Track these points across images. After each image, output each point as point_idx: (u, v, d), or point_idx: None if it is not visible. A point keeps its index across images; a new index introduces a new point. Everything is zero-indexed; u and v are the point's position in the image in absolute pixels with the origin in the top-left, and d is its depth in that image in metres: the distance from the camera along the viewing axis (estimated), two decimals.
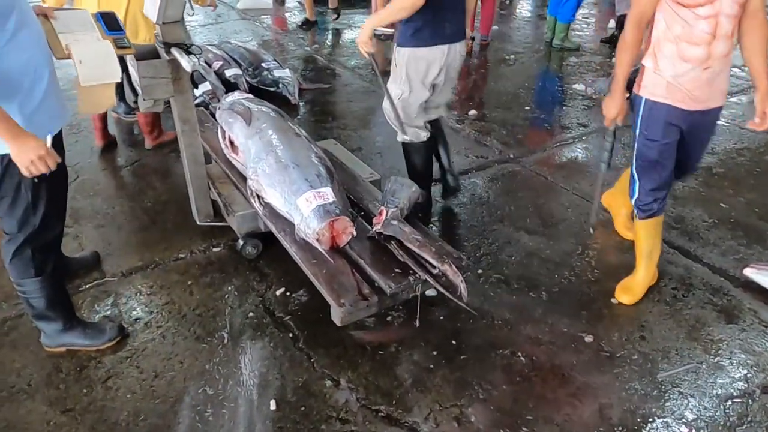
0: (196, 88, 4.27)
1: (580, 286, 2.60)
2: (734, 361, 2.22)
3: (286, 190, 2.39)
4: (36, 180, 1.77)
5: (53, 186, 1.94)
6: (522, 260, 2.76)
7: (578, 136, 4.10)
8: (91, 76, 1.97)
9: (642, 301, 2.49)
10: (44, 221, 1.94)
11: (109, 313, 2.39)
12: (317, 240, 2.24)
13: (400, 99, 2.71)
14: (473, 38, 6.14)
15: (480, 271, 2.66)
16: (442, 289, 2.13)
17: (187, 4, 2.33)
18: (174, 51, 2.34)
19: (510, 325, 2.36)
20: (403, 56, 2.65)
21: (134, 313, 2.40)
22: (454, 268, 2.10)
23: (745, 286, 2.58)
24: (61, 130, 1.96)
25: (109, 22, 2.15)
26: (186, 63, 2.26)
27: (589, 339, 2.29)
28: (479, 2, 6.21)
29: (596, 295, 2.54)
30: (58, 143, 1.86)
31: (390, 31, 6.28)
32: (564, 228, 3.01)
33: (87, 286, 2.54)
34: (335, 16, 6.97)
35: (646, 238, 2.45)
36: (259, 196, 2.51)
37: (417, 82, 2.66)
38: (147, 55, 2.44)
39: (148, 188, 3.33)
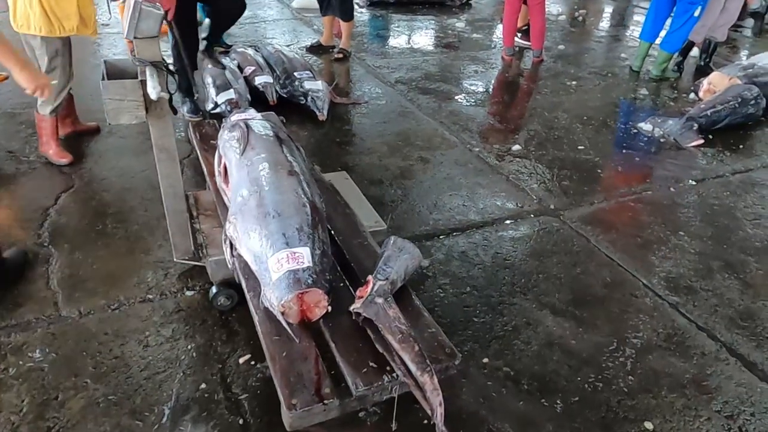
0: (217, 95, 4.00)
1: (608, 396, 2.10)
2: None
3: (260, 244, 2.02)
4: None
5: None
6: (540, 350, 2.28)
7: (637, 190, 3.53)
8: None
9: (683, 429, 1.98)
10: None
11: (46, 367, 2.08)
12: (282, 313, 1.86)
13: None
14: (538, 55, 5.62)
15: (485, 360, 2.21)
16: (421, 400, 1.70)
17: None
18: (147, 70, 2.02)
19: None
20: None
21: (73, 369, 2.09)
22: (435, 381, 1.65)
23: None
24: None
25: None
26: (151, 89, 1.93)
27: None
28: (527, 12, 5.68)
29: (625, 412, 2.04)
30: None
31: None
32: (600, 311, 2.50)
33: (37, 323, 2.26)
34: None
35: None
36: (232, 245, 2.16)
37: None
38: (122, 73, 2.14)
39: (140, 207, 3.04)
